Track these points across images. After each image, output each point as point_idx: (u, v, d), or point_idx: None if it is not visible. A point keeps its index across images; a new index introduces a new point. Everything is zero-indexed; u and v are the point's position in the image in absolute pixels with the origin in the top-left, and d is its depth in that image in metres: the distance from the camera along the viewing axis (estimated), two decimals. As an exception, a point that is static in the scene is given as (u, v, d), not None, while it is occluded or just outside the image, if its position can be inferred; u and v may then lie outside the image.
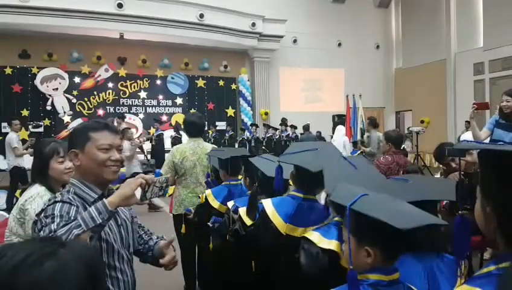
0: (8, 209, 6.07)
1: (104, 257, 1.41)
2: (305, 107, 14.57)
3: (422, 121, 13.09)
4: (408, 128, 12.33)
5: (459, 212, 1.02)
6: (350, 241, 1.11)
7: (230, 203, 2.29)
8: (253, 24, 12.95)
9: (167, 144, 10.72)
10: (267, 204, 1.80)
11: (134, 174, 2.39)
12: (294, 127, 11.79)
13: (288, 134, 11.65)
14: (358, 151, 6.93)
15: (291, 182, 1.96)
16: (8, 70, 11.06)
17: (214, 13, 12.16)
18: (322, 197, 2.07)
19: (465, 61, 13.09)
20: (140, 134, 11.03)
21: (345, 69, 15.26)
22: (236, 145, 11.38)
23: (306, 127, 10.55)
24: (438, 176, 4.31)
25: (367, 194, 1.13)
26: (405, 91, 15.48)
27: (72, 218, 1.29)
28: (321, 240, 1.46)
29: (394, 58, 16.35)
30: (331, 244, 1.44)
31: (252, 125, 12.64)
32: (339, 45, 15.44)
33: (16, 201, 6.07)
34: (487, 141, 3.71)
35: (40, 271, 0.65)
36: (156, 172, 9.04)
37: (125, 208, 1.54)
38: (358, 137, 8.62)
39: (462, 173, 3.01)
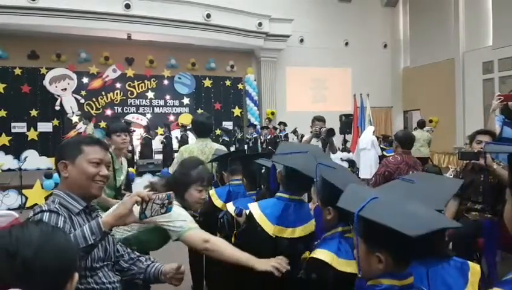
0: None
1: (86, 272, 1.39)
2: (311, 106, 14.49)
3: (430, 121, 12.97)
4: (414, 127, 12.22)
5: (488, 216, 1.00)
6: (359, 246, 1.09)
7: (229, 206, 2.28)
8: (260, 24, 12.93)
9: (176, 144, 10.77)
10: (254, 208, 1.78)
11: None
12: (284, 124, 11.73)
13: (287, 133, 11.65)
14: (392, 151, 6.85)
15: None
16: (18, 71, 11.17)
17: (221, 13, 12.16)
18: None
19: (474, 60, 12.93)
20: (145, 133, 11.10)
21: (352, 69, 15.16)
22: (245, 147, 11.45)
23: None
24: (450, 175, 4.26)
25: (376, 197, 1.09)
26: (413, 90, 15.34)
27: None
28: (335, 260, 1.39)
29: (402, 57, 16.21)
30: (349, 265, 1.38)
31: (253, 126, 12.62)
32: (346, 44, 15.35)
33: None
34: None
35: (57, 238, 0.85)
36: (162, 171, 9.10)
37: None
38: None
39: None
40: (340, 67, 14.99)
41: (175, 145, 10.79)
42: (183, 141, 10.21)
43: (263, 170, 2.40)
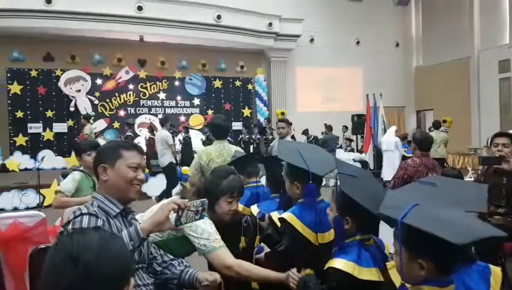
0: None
1: None
2: (322, 107, 14.46)
3: (444, 121, 12.76)
4: (429, 128, 12.08)
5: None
6: (401, 253, 1.08)
7: (254, 209, 2.26)
8: (270, 24, 12.94)
9: (196, 143, 10.76)
10: (291, 218, 1.74)
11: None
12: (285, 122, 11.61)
13: (293, 135, 11.51)
14: (408, 148, 6.77)
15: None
16: (34, 73, 11.36)
17: (231, 14, 12.21)
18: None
19: (489, 59, 12.72)
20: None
21: (363, 68, 15.06)
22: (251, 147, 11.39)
23: (329, 127, 10.33)
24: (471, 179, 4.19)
25: (418, 204, 1.09)
26: (426, 90, 15.16)
27: None
28: (356, 269, 1.38)
29: (414, 56, 16.04)
30: (371, 273, 1.38)
31: (258, 126, 12.57)
32: (357, 43, 15.25)
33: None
34: None
35: (114, 243, 0.87)
36: (178, 170, 9.15)
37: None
38: (380, 137, 8.50)
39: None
40: (351, 67, 14.89)
41: (196, 145, 10.79)
42: (186, 143, 10.22)
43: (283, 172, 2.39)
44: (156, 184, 8.17)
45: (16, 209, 7.37)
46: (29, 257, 2.13)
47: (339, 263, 1.41)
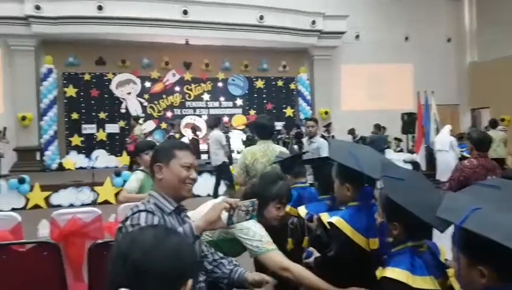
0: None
1: None
2: (368, 105, 14.03)
3: (502, 120, 11.88)
4: (486, 127, 11.30)
5: None
6: (460, 259, 1.02)
7: (302, 210, 2.23)
8: (313, 22, 12.78)
9: (237, 144, 10.91)
10: (340, 223, 1.67)
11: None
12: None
13: (333, 135, 11.18)
14: (466, 148, 6.39)
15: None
16: (87, 77, 12.08)
17: (274, 14, 12.23)
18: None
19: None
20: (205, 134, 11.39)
21: (413, 64, 14.43)
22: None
23: (378, 127, 9.91)
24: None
25: (479, 208, 1.01)
26: (481, 87, 14.20)
27: None
28: (411, 278, 1.31)
29: (468, 51, 15.09)
30: (425, 282, 1.31)
31: (296, 126, 12.33)
32: (406, 38, 14.64)
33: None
34: None
35: (169, 241, 0.84)
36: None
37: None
38: (432, 137, 8.08)
39: None
40: (399, 64, 14.34)
41: (236, 145, 10.93)
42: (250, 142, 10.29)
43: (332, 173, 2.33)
44: (201, 183, 8.36)
45: (71, 205, 7.84)
46: (87, 251, 2.26)
47: (391, 272, 1.35)
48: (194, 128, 11.05)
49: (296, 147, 5.27)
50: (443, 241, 1.52)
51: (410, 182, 1.48)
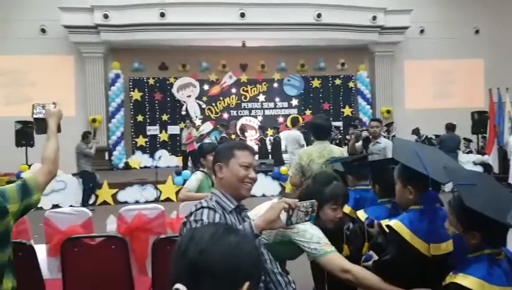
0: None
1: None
2: (434, 103, 13.18)
3: None
4: None
5: None
6: None
7: (361, 214, 2.14)
8: (374, 17, 12.27)
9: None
10: (398, 226, 1.58)
11: None
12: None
13: (394, 135, 10.53)
14: None
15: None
16: (151, 81, 12.78)
17: (331, 11, 11.94)
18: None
19: None
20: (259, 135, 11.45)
21: (484, 60, 13.28)
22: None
23: (450, 127, 9.07)
24: None
25: None
26: None
27: None
28: (487, 288, 1.22)
29: (548, 44, 13.52)
30: None
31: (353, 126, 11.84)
32: (477, 32, 13.51)
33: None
34: None
35: (227, 240, 0.82)
36: (274, 172, 9.30)
37: None
38: (507, 137, 7.37)
39: None
40: (468, 59, 13.29)
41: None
42: (275, 143, 10.19)
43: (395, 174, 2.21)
44: (256, 183, 8.40)
45: (137, 202, 8.27)
46: (151, 246, 2.36)
47: (464, 279, 1.25)
48: (243, 130, 11.15)
49: (359, 146, 5.08)
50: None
51: (482, 185, 1.39)
